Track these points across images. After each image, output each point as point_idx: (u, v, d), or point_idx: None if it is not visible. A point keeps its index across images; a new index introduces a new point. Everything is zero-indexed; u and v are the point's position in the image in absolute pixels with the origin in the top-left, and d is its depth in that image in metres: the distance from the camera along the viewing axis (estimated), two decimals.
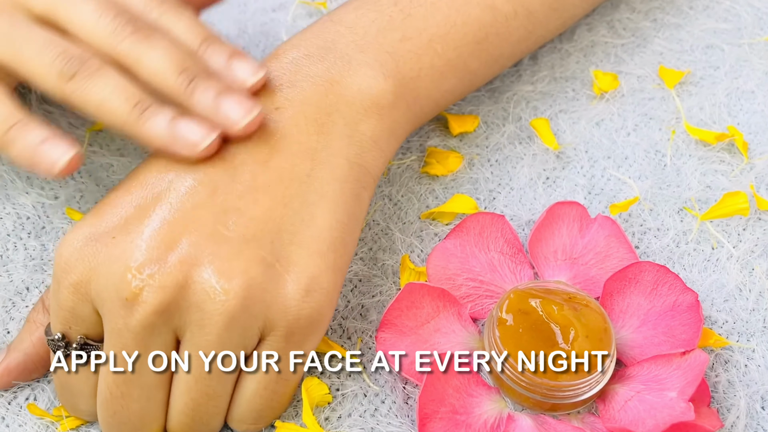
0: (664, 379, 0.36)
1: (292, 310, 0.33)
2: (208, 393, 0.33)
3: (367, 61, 0.38)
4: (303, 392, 0.36)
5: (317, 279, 0.33)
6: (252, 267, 0.32)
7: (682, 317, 0.38)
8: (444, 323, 0.38)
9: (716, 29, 0.51)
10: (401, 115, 0.39)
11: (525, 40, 0.44)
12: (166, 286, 0.31)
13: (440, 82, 0.40)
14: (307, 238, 0.34)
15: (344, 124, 0.36)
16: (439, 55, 0.40)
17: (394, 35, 0.39)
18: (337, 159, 0.36)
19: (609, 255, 0.40)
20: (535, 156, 0.46)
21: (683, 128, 0.47)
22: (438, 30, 0.40)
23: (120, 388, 0.33)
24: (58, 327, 0.34)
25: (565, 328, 0.36)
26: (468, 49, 0.41)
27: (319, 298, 0.33)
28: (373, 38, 0.38)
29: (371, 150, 0.37)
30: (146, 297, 0.31)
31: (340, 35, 0.39)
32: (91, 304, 0.33)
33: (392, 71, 0.38)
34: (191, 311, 0.32)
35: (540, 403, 0.36)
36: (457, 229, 0.40)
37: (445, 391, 0.36)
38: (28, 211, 0.42)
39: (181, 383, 0.33)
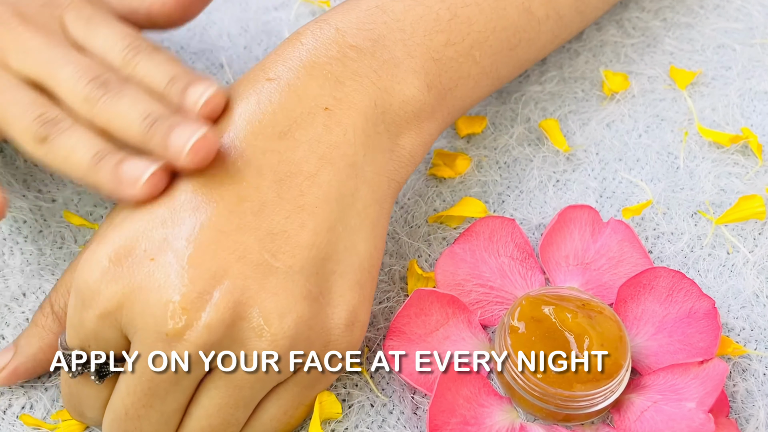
0: (681, 388, 0.35)
1: (331, 345, 0.33)
2: (230, 421, 0.32)
3: (415, 68, 0.36)
4: (316, 405, 0.35)
5: (356, 312, 0.33)
6: (299, 304, 0.31)
7: (699, 324, 0.37)
8: (453, 330, 0.37)
9: (727, 29, 0.50)
10: (436, 127, 0.37)
11: (550, 44, 0.43)
12: (212, 325, 0.30)
13: (474, 90, 0.39)
14: (348, 268, 0.33)
15: (388, 137, 0.35)
16: (477, 63, 0.38)
17: (440, 38, 0.37)
18: (380, 177, 0.34)
19: (622, 260, 0.39)
20: (544, 158, 0.44)
21: (696, 130, 0.46)
22: (479, 36, 0.38)
23: (138, 411, 0.32)
24: (75, 343, 0.32)
25: (580, 336, 0.35)
26: (501, 56, 0.39)
27: (357, 332, 0.33)
28: (421, 39, 0.36)
29: (407, 165, 0.36)
30: (190, 336, 0.30)
31: (388, 29, 0.36)
32: (120, 331, 0.31)
33: (435, 82, 0.36)
34: (234, 347, 0.31)
35: (553, 413, 0.35)
36: (466, 234, 0.39)
37: (455, 402, 0.35)
38: (24, 214, 0.41)
39: (202, 408, 0.32)
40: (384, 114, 0.35)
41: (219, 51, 0.48)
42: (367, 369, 0.37)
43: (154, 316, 0.30)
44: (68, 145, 0.33)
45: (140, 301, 0.30)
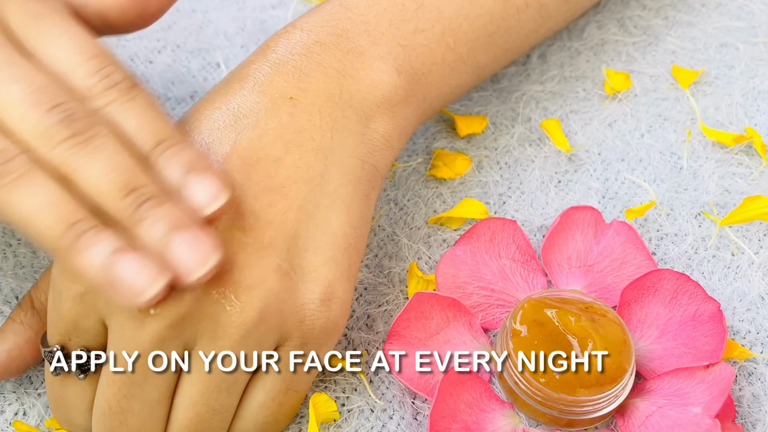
0: (687, 393, 0.34)
1: (307, 321, 0.32)
2: (215, 407, 0.32)
3: (381, 54, 0.36)
4: (310, 408, 0.34)
5: (332, 288, 0.32)
6: (268, 276, 0.31)
7: (704, 328, 0.36)
8: (454, 334, 0.37)
9: (730, 27, 0.50)
10: (411, 113, 0.37)
11: (534, 33, 0.42)
12: (181, 296, 0.29)
13: (450, 77, 0.39)
14: (322, 245, 0.33)
15: (357, 121, 0.35)
16: (451, 50, 0.38)
17: (407, 26, 0.37)
18: (351, 159, 0.34)
19: (626, 262, 0.39)
20: (546, 158, 0.44)
21: (699, 129, 0.45)
22: (451, 22, 0.38)
23: (121, 403, 0.31)
24: (56, 338, 0.32)
25: (583, 339, 0.34)
26: (479, 44, 0.39)
27: (335, 308, 0.32)
28: (386, 29, 0.37)
29: (382, 149, 0.36)
30: (160, 310, 0.29)
31: (352, 23, 0.37)
32: (97, 315, 0.31)
33: (405, 66, 0.37)
34: (205, 323, 0.30)
35: (556, 418, 0.35)
36: (467, 236, 0.39)
37: (456, 407, 0.34)
38: None
39: (186, 397, 0.32)
40: (351, 99, 0.35)
41: (215, 50, 0.48)
42: (366, 373, 0.37)
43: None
44: (28, 201, 0.28)
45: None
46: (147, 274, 0.27)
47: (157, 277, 0.28)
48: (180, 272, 0.28)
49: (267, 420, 0.33)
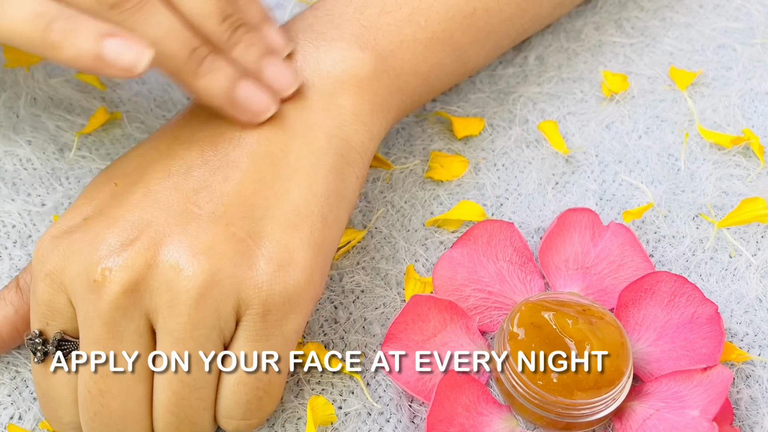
0: (684, 396, 0.34)
1: (264, 285, 0.31)
2: (189, 384, 0.32)
3: (342, 36, 0.37)
4: (308, 411, 0.34)
5: (291, 253, 0.32)
6: (221, 242, 0.31)
7: (702, 330, 0.36)
8: (451, 337, 0.37)
9: (727, 28, 0.50)
10: (384, 88, 0.37)
11: (519, 18, 0.42)
12: (133, 265, 0.31)
13: (425, 55, 0.39)
14: (280, 213, 0.33)
15: (320, 97, 0.36)
16: (423, 29, 0.39)
17: (372, 11, 0.38)
18: (314, 132, 0.35)
19: (623, 264, 0.39)
20: (543, 160, 0.44)
21: (696, 131, 0.45)
22: (420, 3, 0.39)
23: (98, 385, 0.31)
24: (36, 324, 0.33)
25: (581, 342, 0.34)
26: (455, 23, 0.40)
27: (294, 274, 0.32)
28: (350, 15, 0.38)
29: (352, 123, 0.36)
30: (113, 277, 0.30)
31: (316, 17, 0.38)
32: (66, 295, 0.32)
33: (369, 43, 0.37)
34: (160, 292, 0.31)
35: (553, 421, 0.34)
36: (464, 238, 0.39)
37: (454, 410, 0.34)
38: (13, 219, 0.40)
39: (161, 376, 0.32)
40: (313, 78, 0.36)
41: None
42: (363, 376, 0.37)
43: (85, 268, 0.31)
44: (152, 29, 0.32)
45: (75, 261, 0.31)
46: (266, 98, 0.34)
47: (274, 101, 0.34)
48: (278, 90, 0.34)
49: (249, 397, 0.33)
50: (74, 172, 0.42)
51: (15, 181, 0.42)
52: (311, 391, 0.36)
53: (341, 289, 0.39)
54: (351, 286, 0.39)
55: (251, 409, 0.33)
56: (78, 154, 0.43)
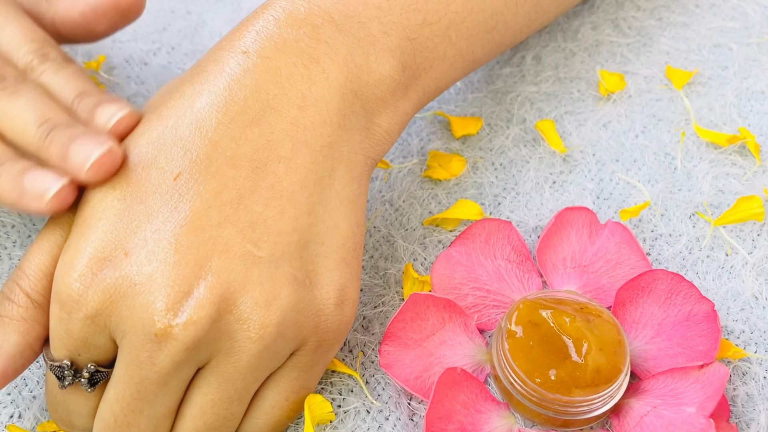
0: (681, 393, 0.34)
1: (322, 325, 0.32)
2: (225, 416, 0.32)
3: (390, 47, 0.35)
4: (306, 409, 0.34)
5: (345, 290, 0.33)
6: (284, 290, 0.31)
7: (699, 328, 0.36)
8: (450, 335, 0.37)
9: (723, 28, 0.50)
10: (411, 106, 0.37)
11: (527, 28, 0.43)
12: (198, 321, 0.29)
13: (450, 72, 0.39)
14: (332, 248, 0.33)
15: (363, 116, 0.34)
16: (453, 45, 0.38)
17: (417, 17, 0.36)
18: (356, 156, 0.34)
19: (620, 262, 0.39)
20: (541, 159, 0.44)
21: (693, 130, 0.45)
22: (456, 17, 0.37)
23: (128, 418, 0.31)
24: (63, 353, 0.31)
25: (578, 340, 0.34)
26: (478, 38, 0.39)
27: (347, 309, 0.33)
28: (396, 17, 0.35)
29: (383, 143, 0.36)
30: (178, 334, 0.29)
31: (364, 4, 0.35)
32: (109, 335, 0.30)
33: (410, 62, 0.36)
34: (221, 341, 0.30)
35: (551, 419, 0.35)
36: (462, 237, 0.39)
37: (452, 408, 0.34)
38: (13, 218, 0.41)
39: (195, 407, 0.31)
40: (359, 92, 0.34)
41: None
42: (362, 374, 0.37)
43: (141, 318, 0.29)
44: None
45: (126, 305, 0.29)
46: (48, 178, 0.30)
47: (58, 178, 0.30)
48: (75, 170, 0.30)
49: (280, 419, 0.34)
50: None
51: None
52: None
53: None
54: None
55: (278, 428, 0.34)
56: None
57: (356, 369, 0.37)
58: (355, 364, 0.37)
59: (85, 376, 0.31)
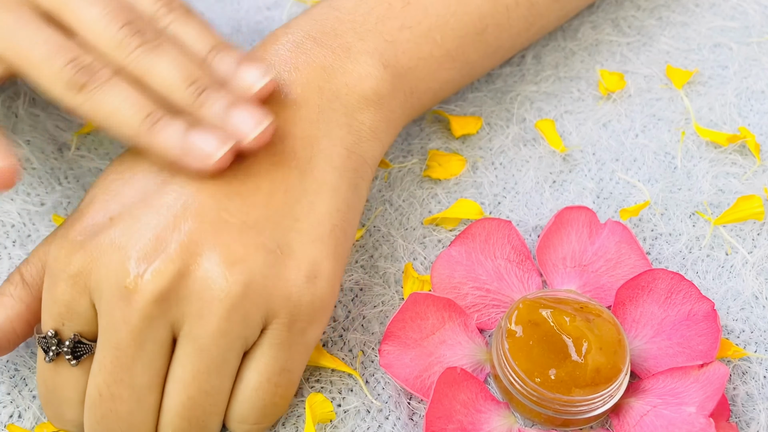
0: (681, 392, 0.34)
1: (293, 297, 0.32)
2: (206, 389, 0.32)
3: (367, 50, 0.37)
4: (306, 408, 0.34)
5: (319, 265, 0.33)
6: (252, 253, 0.32)
7: (699, 327, 0.36)
8: (450, 335, 0.37)
9: (723, 27, 0.50)
10: (398, 106, 0.38)
11: (525, 32, 0.43)
12: (165, 273, 0.31)
13: (438, 72, 0.40)
14: (307, 225, 0.33)
15: (344, 112, 0.36)
16: (439, 46, 0.39)
17: (394, 23, 0.38)
18: (337, 148, 0.35)
19: (620, 262, 0.39)
20: (541, 159, 0.44)
21: (693, 129, 0.45)
22: (437, 20, 0.39)
23: (110, 389, 0.32)
24: (50, 324, 0.32)
25: (578, 339, 0.34)
26: (468, 40, 0.40)
27: (321, 285, 0.33)
28: (372, 26, 0.38)
29: (369, 140, 0.36)
30: (146, 285, 0.30)
31: (339, 21, 0.38)
32: (89, 297, 0.32)
33: (391, 60, 0.38)
34: (191, 301, 0.31)
35: (551, 418, 0.35)
36: (462, 236, 0.39)
37: (452, 407, 0.34)
38: (12, 218, 0.41)
39: (177, 381, 0.32)
40: (338, 92, 0.36)
41: None
42: (362, 373, 0.37)
43: (115, 272, 0.31)
44: (111, 101, 0.32)
45: (104, 263, 0.31)
46: (215, 141, 0.32)
47: (224, 142, 0.32)
48: (239, 136, 0.33)
49: (264, 403, 0.33)
50: (73, 171, 0.42)
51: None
52: (310, 389, 0.36)
53: (340, 287, 0.39)
54: (350, 284, 0.39)
55: (266, 414, 0.34)
56: (77, 154, 0.43)
57: (356, 368, 0.37)
58: (355, 363, 0.37)
59: (68, 346, 0.32)
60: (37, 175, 0.42)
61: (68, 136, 0.43)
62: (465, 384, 0.35)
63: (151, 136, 0.32)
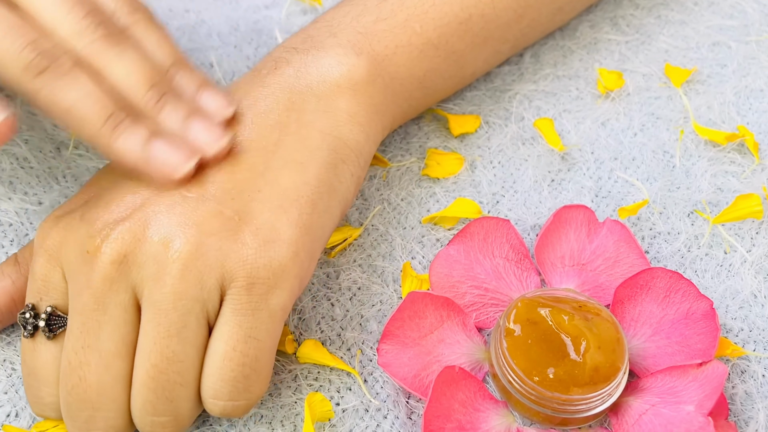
0: (680, 391, 0.34)
1: (249, 259, 0.32)
2: (168, 355, 0.32)
3: (339, 42, 0.38)
4: (305, 407, 0.34)
5: (276, 230, 0.33)
6: (208, 219, 0.32)
7: (697, 326, 0.36)
8: (448, 333, 0.37)
9: (722, 26, 0.50)
10: (379, 92, 0.38)
11: (516, 23, 0.43)
12: (123, 238, 0.32)
13: (420, 60, 0.40)
14: (268, 196, 0.34)
15: (317, 100, 0.36)
16: (418, 34, 0.40)
17: (368, 18, 0.39)
18: (308, 130, 0.36)
19: (619, 260, 0.39)
20: (539, 157, 0.44)
21: (691, 128, 0.45)
22: (415, 10, 0.40)
23: (78, 356, 0.32)
24: (30, 299, 0.34)
25: (577, 338, 0.34)
26: (450, 29, 0.41)
27: (279, 249, 0.33)
28: (347, 24, 0.39)
29: (347, 123, 0.37)
30: (104, 248, 0.32)
31: (315, 28, 0.40)
32: (61, 269, 0.33)
33: (365, 48, 0.38)
34: (148, 264, 0.32)
35: (550, 417, 0.35)
36: (461, 235, 0.39)
37: (450, 406, 0.34)
38: (10, 217, 0.40)
39: (141, 350, 0.32)
40: (310, 83, 0.37)
41: (209, 50, 0.48)
42: (361, 372, 0.37)
43: (80, 242, 0.32)
44: (71, 94, 0.32)
45: (72, 236, 0.33)
46: (180, 155, 0.33)
47: (190, 157, 0.33)
48: (200, 150, 0.33)
49: (234, 375, 0.32)
50: (71, 170, 0.42)
51: (12, 179, 0.42)
52: (308, 388, 0.36)
53: (338, 286, 0.39)
54: (348, 283, 0.39)
55: (238, 388, 0.33)
56: (75, 153, 0.43)
57: (355, 367, 0.37)
58: (353, 362, 0.37)
59: (42, 319, 0.33)
60: (34, 174, 0.42)
61: (66, 136, 0.43)
62: (463, 383, 0.35)
63: (111, 139, 0.33)
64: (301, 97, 0.36)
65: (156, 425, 0.33)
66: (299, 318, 0.38)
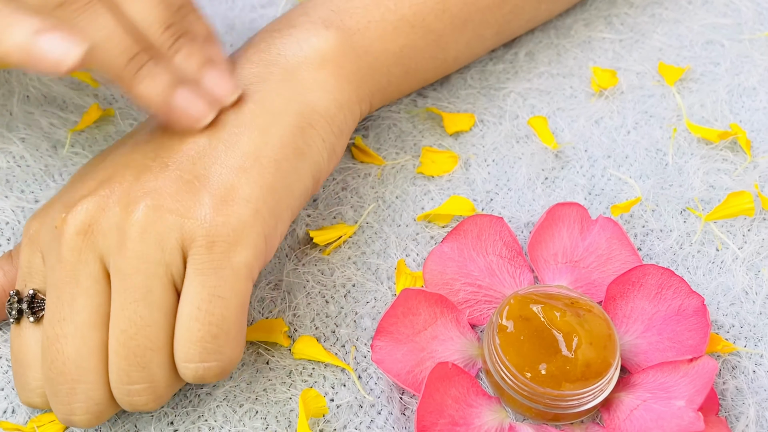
0: (671, 387, 0.34)
1: (207, 218, 0.32)
2: (135, 320, 0.32)
3: (310, 20, 0.39)
4: (300, 403, 0.34)
5: (235, 189, 0.33)
6: (167, 183, 0.33)
7: (688, 322, 0.36)
8: (442, 330, 0.37)
9: (716, 24, 0.50)
10: (350, 63, 0.39)
11: (498, 8, 0.43)
12: (87, 209, 0.33)
13: (395, 35, 0.40)
14: (229, 158, 0.34)
15: (280, 71, 0.37)
16: (392, 11, 0.40)
17: (340, 1, 0.40)
18: (271, 96, 0.36)
19: (611, 258, 0.39)
20: (533, 155, 0.44)
21: (684, 126, 0.45)
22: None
23: (55, 329, 0.33)
24: (16, 286, 0.35)
25: (568, 335, 0.34)
26: (427, 8, 0.41)
27: (238, 207, 0.33)
28: (320, 4, 0.40)
29: (314, 90, 0.37)
30: (69, 220, 0.33)
31: (293, 11, 0.41)
32: (41, 253, 0.34)
33: (335, 23, 0.39)
34: (111, 233, 0.32)
35: (542, 413, 0.35)
36: (454, 232, 0.39)
37: (444, 402, 0.34)
38: (7, 215, 0.41)
39: (112, 318, 0.32)
40: (278, 57, 0.38)
41: None
42: (355, 368, 0.37)
43: (51, 221, 0.34)
44: (93, 32, 0.32)
45: (47, 219, 0.34)
46: (203, 106, 0.34)
47: (212, 107, 0.34)
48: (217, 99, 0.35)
49: (202, 335, 0.32)
50: (67, 168, 0.42)
51: (8, 177, 0.42)
52: (303, 384, 0.37)
53: (332, 283, 0.40)
54: (342, 280, 0.40)
55: (207, 348, 0.32)
56: (71, 151, 0.43)
57: (349, 363, 0.37)
58: (348, 358, 0.37)
59: (25, 301, 0.34)
60: (31, 173, 0.42)
61: (62, 134, 0.44)
62: (456, 379, 0.35)
63: (135, 82, 0.33)
64: (267, 69, 0.37)
65: (132, 394, 0.33)
66: (294, 314, 0.39)
